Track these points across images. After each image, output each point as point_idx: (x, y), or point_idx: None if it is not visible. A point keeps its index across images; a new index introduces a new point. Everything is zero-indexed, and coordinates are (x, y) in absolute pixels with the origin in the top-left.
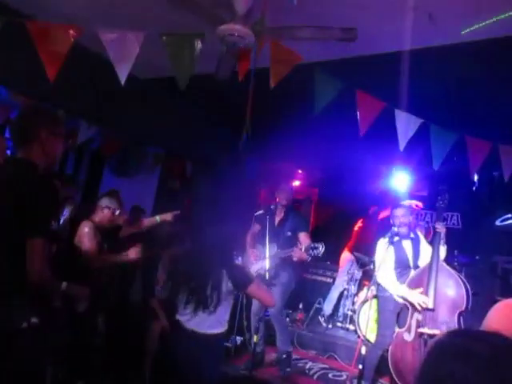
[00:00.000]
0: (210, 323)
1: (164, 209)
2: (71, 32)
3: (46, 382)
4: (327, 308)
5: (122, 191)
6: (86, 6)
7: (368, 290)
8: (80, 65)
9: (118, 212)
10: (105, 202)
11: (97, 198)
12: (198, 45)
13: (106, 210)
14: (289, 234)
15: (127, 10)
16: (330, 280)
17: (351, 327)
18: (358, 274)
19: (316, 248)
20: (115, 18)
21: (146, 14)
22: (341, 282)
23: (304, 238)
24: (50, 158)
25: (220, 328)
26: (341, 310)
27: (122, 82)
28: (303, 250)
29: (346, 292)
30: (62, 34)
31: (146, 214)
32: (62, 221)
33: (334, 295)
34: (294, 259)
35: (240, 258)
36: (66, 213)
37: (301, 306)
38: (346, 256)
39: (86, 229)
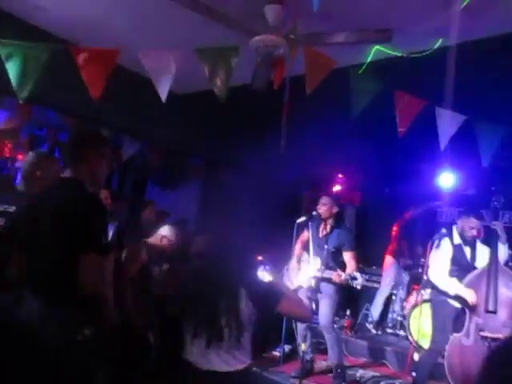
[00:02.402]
0: (230, 357)
1: (208, 218)
2: (111, 54)
3: None
4: (374, 313)
5: (167, 203)
6: (124, 31)
7: (418, 294)
8: (122, 85)
9: (173, 243)
10: (166, 231)
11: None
12: (234, 57)
13: (164, 240)
14: (333, 250)
15: (163, 30)
16: (377, 285)
17: (402, 333)
18: (406, 278)
19: (355, 278)
20: (152, 38)
21: (181, 31)
22: (385, 287)
23: (349, 259)
24: (97, 178)
25: (246, 360)
26: (390, 315)
27: (163, 99)
28: (343, 277)
29: (393, 297)
30: (103, 56)
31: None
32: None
33: (379, 300)
34: (333, 282)
35: (267, 267)
36: (111, 228)
37: (348, 312)
38: (388, 260)
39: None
